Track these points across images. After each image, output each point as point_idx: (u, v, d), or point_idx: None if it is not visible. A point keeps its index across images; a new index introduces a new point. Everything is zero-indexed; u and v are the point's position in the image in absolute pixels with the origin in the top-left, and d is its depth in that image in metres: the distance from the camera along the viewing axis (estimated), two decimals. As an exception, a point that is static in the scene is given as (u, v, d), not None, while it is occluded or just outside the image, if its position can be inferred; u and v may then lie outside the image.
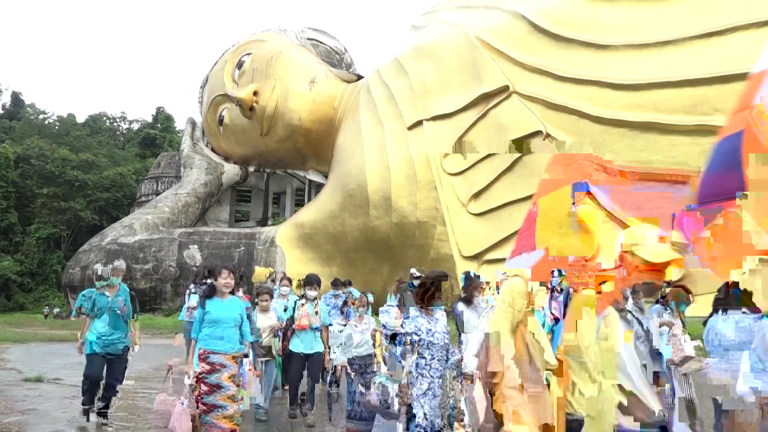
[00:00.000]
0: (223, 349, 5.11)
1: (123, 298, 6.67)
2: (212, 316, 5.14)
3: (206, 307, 5.17)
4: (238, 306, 5.33)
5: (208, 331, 5.12)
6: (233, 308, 5.26)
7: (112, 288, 6.65)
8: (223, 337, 5.13)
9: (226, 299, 5.26)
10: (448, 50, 20.09)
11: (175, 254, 24.29)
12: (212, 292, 5.24)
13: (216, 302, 5.21)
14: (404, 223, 19.12)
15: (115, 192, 48.31)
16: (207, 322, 5.14)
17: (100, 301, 6.54)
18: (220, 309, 5.18)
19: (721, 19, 15.00)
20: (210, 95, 28.34)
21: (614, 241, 4.43)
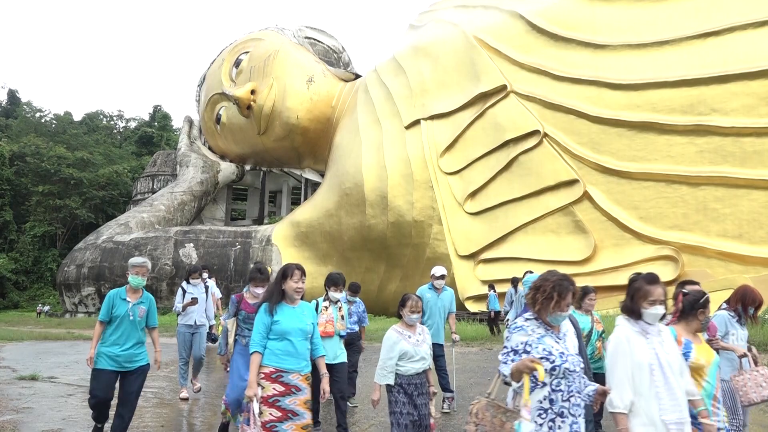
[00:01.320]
0: (297, 367, 4.18)
1: (146, 306, 5.54)
2: (282, 327, 4.18)
3: (274, 314, 4.22)
4: (310, 314, 4.42)
5: (278, 346, 4.18)
6: (305, 317, 4.33)
7: (135, 292, 5.50)
8: (296, 353, 4.21)
9: (296, 306, 4.33)
10: (446, 49, 20.09)
11: (170, 252, 24.23)
12: (280, 297, 4.27)
13: (286, 310, 4.25)
14: (401, 222, 19.10)
15: (111, 190, 48.26)
16: (275, 334, 4.20)
17: (119, 306, 5.39)
18: (290, 318, 4.24)
19: (719, 20, 15.02)
20: (207, 94, 28.29)
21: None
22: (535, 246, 16.38)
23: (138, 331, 5.43)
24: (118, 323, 5.35)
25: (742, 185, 13.95)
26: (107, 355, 5.28)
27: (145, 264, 5.52)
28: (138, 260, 5.53)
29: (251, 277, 5.61)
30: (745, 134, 14.01)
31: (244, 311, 5.52)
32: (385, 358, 4.48)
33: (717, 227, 14.15)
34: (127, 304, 5.42)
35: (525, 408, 2.97)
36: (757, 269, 13.36)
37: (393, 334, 4.53)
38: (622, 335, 3.33)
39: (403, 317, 4.61)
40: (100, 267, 24.61)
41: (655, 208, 14.99)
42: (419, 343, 4.58)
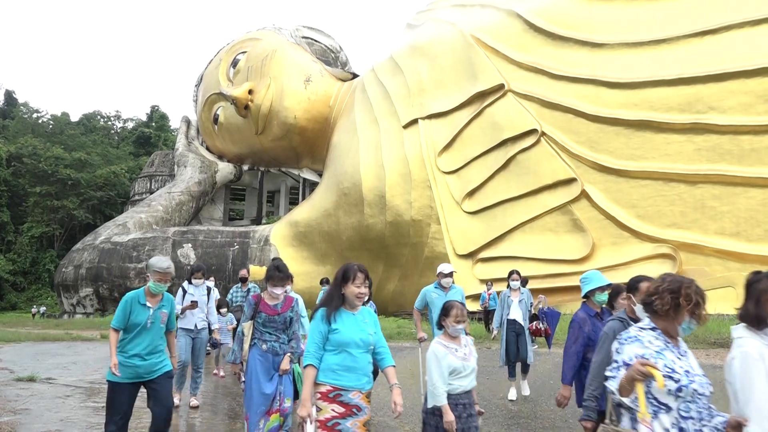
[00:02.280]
0: (357, 384, 3.61)
1: (168, 309, 4.89)
2: (341, 336, 3.60)
3: (332, 323, 3.63)
4: (372, 322, 3.81)
5: (335, 359, 3.60)
6: (366, 326, 3.72)
7: (155, 297, 4.82)
8: (357, 368, 3.62)
9: (356, 313, 3.74)
10: (444, 49, 20.08)
11: (168, 253, 24.18)
12: (340, 303, 3.67)
13: (345, 317, 3.66)
14: (399, 222, 19.10)
15: (109, 190, 48.19)
16: (332, 345, 3.61)
17: (138, 313, 4.70)
18: (351, 327, 3.65)
19: (716, 18, 15.04)
20: (205, 94, 28.26)
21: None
22: (533, 245, 16.39)
23: (160, 338, 4.82)
24: (138, 331, 4.67)
25: (740, 183, 13.98)
26: (126, 367, 4.63)
27: (170, 270, 4.80)
28: (162, 264, 4.78)
29: (269, 276, 5.07)
30: (743, 132, 14.04)
31: (264, 313, 5.04)
32: (436, 374, 3.87)
33: (715, 225, 14.17)
34: (148, 310, 4.74)
35: (644, 424, 2.51)
36: (755, 267, 13.30)
37: (439, 347, 3.95)
38: (752, 351, 2.68)
39: (446, 328, 4.06)
40: (98, 268, 24.57)
41: (653, 206, 15.00)
42: (467, 356, 4.02)
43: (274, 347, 5.01)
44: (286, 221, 24.15)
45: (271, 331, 5.00)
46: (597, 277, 4.77)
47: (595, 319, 4.62)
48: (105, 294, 24.78)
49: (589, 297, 4.72)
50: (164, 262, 4.82)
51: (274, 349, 5.01)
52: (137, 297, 4.77)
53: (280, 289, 5.05)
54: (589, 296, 4.72)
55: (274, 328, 5.04)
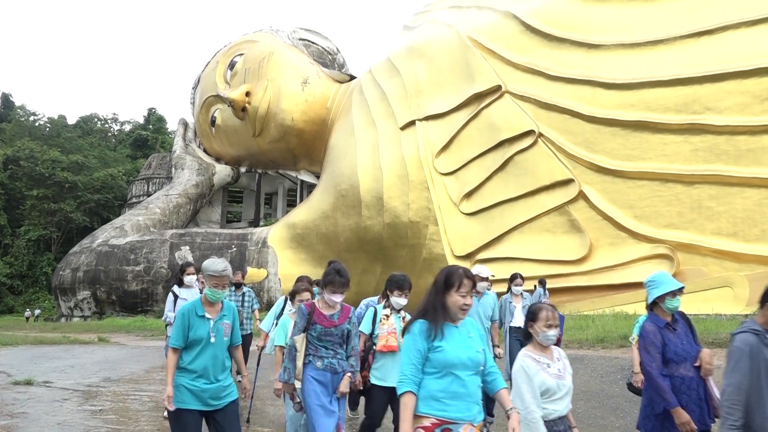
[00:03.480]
0: (468, 415, 2.94)
1: (230, 319, 4.21)
2: (446, 356, 2.93)
3: (437, 339, 2.96)
4: (479, 336, 3.12)
5: (439, 385, 2.93)
6: (473, 342, 3.05)
7: (214, 305, 4.14)
8: (467, 394, 2.95)
9: (459, 326, 3.05)
10: (441, 50, 20.10)
11: (166, 255, 24.16)
12: (442, 315, 2.99)
13: (449, 332, 3.00)
14: (396, 223, 19.09)
15: (106, 193, 48.11)
16: (435, 367, 2.95)
17: (198, 326, 4.03)
18: (457, 345, 2.98)
19: (712, 19, 15.09)
20: (202, 96, 28.23)
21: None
22: (531, 246, 16.39)
23: (224, 354, 4.15)
24: (201, 349, 3.99)
25: (736, 183, 14.00)
26: (191, 391, 3.94)
27: (226, 273, 4.08)
28: (217, 266, 4.08)
29: (328, 280, 4.37)
30: (739, 132, 14.07)
31: (320, 325, 4.34)
32: (529, 397, 3.15)
33: (712, 225, 14.20)
34: (208, 322, 4.06)
35: None
36: (752, 267, 13.41)
37: (529, 362, 3.22)
38: None
39: (534, 336, 3.32)
40: (95, 271, 24.52)
41: (650, 206, 15.03)
42: (562, 373, 3.27)
43: (331, 364, 4.34)
44: (283, 223, 24.13)
45: (328, 346, 4.34)
46: (667, 280, 4.07)
47: (666, 330, 3.94)
48: (102, 297, 24.73)
49: (658, 304, 4.04)
50: (219, 263, 4.11)
51: (332, 366, 4.34)
52: (194, 309, 4.10)
53: (340, 297, 4.37)
54: (657, 303, 4.04)
55: (330, 342, 4.35)
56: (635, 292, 14.06)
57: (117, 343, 16.64)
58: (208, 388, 3.97)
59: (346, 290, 4.38)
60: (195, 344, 3.99)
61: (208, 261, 4.17)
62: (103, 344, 16.40)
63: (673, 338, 3.89)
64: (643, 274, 14.73)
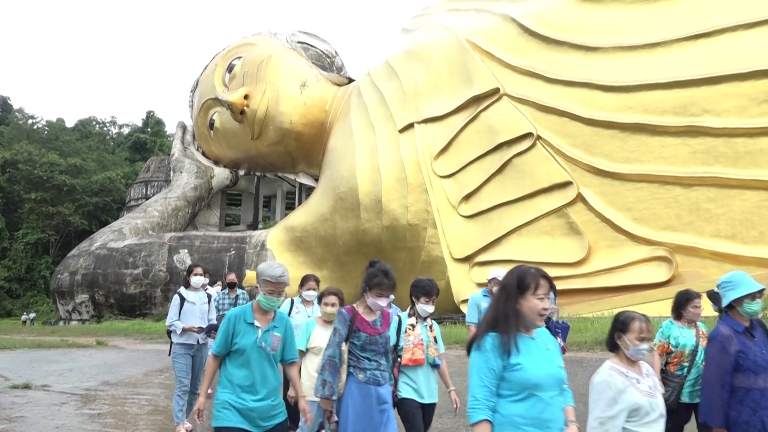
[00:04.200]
0: None
1: (282, 332, 3.74)
2: (528, 375, 2.52)
3: (514, 355, 2.53)
4: (556, 349, 2.76)
5: (519, 409, 2.52)
6: (552, 355, 2.67)
7: (266, 315, 3.71)
8: (550, 420, 2.55)
9: (535, 337, 2.66)
10: (439, 53, 20.13)
11: (165, 259, 24.14)
12: (516, 324, 2.58)
13: (526, 346, 2.59)
14: (395, 226, 19.10)
15: (104, 196, 48.08)
16: (514, 388, 2.53)
17: (244, 333, 3.61)
18: (538, 361, 2.58)
19: (709, 21, 15.11)
20: (200, 99, 28.24)
21: None
22: (529, 248, 16.39)
23: (274, 369, 3.69)
24: (246, 359, 3.57)
25: (735, 185, 14.02)
26: (235, 407, 3.53)
27: (284, 278, 3.60)
28: (274, 271, 3.62)
29: (374, 282, 3.87)
30: (737, 135, 14.09)
31: (364, 333, 3.88)
32: (604, 416, 2.76)
33: (710, 228, 14.21)
34: (256, 330, 3.63)
35: None
36: (751, 269, 13.37)
37: (615, 376, 2.83)
38: None
39: (623, 349, 2.95)
40: (93, 274, 24.49)
41: (648, 209, 15.04)
42: (653, 391, 2.87)
43: (374, 377, 3.88)
44: (282, 226, 24.13)
45: (372, 356, 3.87)
46: (746, 281, 3.77)
47: (743, 336, 3.57)
48: (101, 300, 24.70)
49: (734, 307, 3.68)
50: (276, 267, 3.64)
51: (375, 378, 3.88)
52: (243, 314, 3.69)
53: (386, 301, 3.92)
54: (734, 306, 3.68)
55: (374, 352, 3.89)
56: (634, 294, 14.08)
57: (115, 347, 16.61)
58: (256, 406, 3.52)
59: (391, 293, 3.97)
60: (240, 353, 3.58)
61: (264, 264, 3.76)
62: (101, 348, 16.37)
63: (752, 346, 3.48)
64: (641, 276, 14.79)
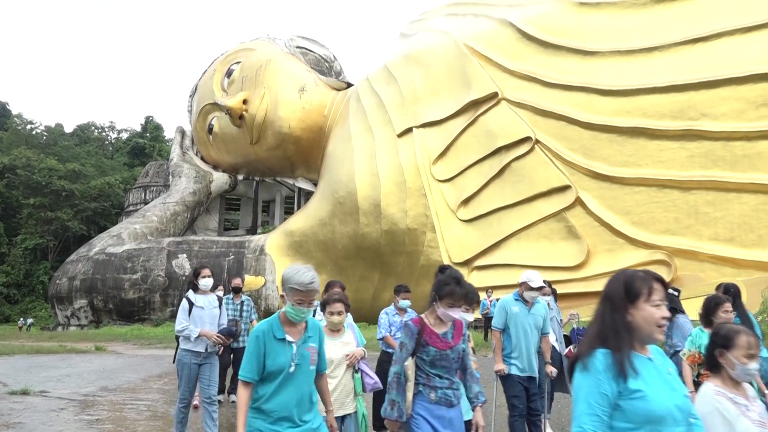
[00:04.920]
0: None
1: (316, 341, 3.27)
2: (651, 405, 2.02)
3: (631, 379, 2.03)
4: (675, 371, 2.26)
5: None
6: (674, 380, 2.17)
7: (296, 326, 3.17)
8: None
9: (652, 356, 2.17)
10: (437, 57, 20.18)
11: (163, 264, 24.10)
12: (629, 340, 2.09)
13: (645, 368, 2.10)
14: (394, 230, 19.10)
15: (103, 201, 48.00)
16: (632, 420, 2.03)
17: (277, 352, 3.08)
18: (660, 387, 2.08)
19: (706, 26, 15.18)
20: (199, 104, 28.27)
21: None
22: (528, 252, 16.40)
23: (311, 387, 3.21)
24: (281, 381, 3.07)
25: (733, 189, 14.05)
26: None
27: (314, 285, 3.08)
28: (303, 277, 3.06)
29: (446, 292, 3.38)
30: (735, 138, 14.13)
31: (433, 347, 3.41)
32: None
33: (709, 231, 14.23)
34: (290, 346, 3.11)
35: None
36: (749, 272, 13.43)
37: (725, 402, 2.46)
38: None
39: (727, 369, 2.58)
40: (92, 279, 24.44)
41: (647, 212, 15.06)
42: (763, 420, 2.49)
43: (446, 396, 3.42)
44: (281, 231, 24.11)
45: (443, 373, 3.43)
46: None
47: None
48: (99, 305, 24.64)
49: None
50: (305, 273, 3.08)
51: (448, 398, 3.42)
52: (271, 329, 3.13)
53: (458, 311, 3.42)
54: None
55: (446, 369, 3.44)
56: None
57: (114, 352, 16.56)
58: (293, 429, 3.07)
59: (463, 304, 3.49)
60: (273, 376, 3.06)
61: (290, 269, 3.12)
62: (99, 353, 16.32)
63: None
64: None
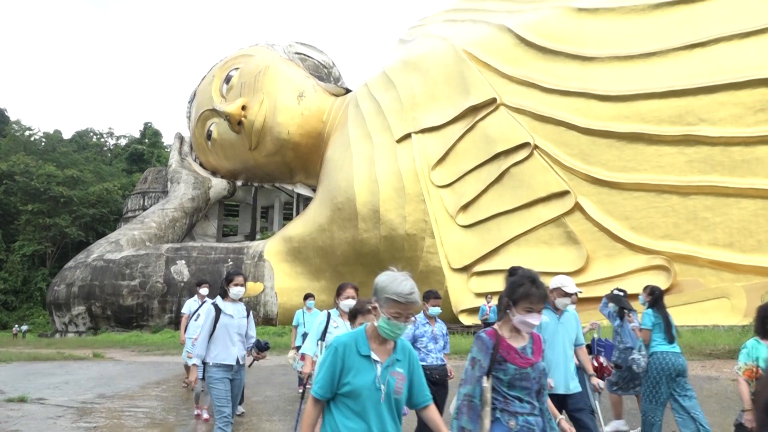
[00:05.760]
0: None
1: (406, 368, 2.71)
2: None
3: None
4: None
5: None
6: None
7: (384, 344, 2.68)
8: None
9: None
10: (436, 63, 20.21)
11: (162, 270, 24.04)
12: None
13: None
14: (393, 236, 19.07)
15: (102, 208, 47.95)
16: None
17: (359, 373, 2.61)
18: None
19: (704, 31, 15.21)
20: (198, 110, 28.29)
21: None
22: (527, 258, 16.36)
23: (395, 419, 2.66)
24: (360, 405, 2.58)
25: (732, 194, 14.05)
26: None
27: (414, 296, 2.61)
28: (402, 287, 2.59)
29: (521, 293, 2.92)
30: (734, 143, 14.14)
31: (512, 365, 2.94)
32: None
33: (708, 236, 14.22)
34: (374, 366, 2.61)
35: None
36: (749, 277, 13.42)
37: None
38: None
39: None
40: (90, 286, 24.37)
41: (646, 218, 15.05)
42: None
43: (528, 424, 2.93)
44: (280, 237, 24.08)
45: (523, 395, 2.94)
46: None
47: None
48: (97, 312, 24.56)
49: None
50: (404, 282, 2.60)
51: (530, 427, 2.92)
52: (355, 342, 2.65)
53: (538, 318, 2.94)
54: None
55: (526, 391, 2.95)
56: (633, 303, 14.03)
57: (112, 359, 16.49)
58: None
59: (542, 306, 2.97)
60: (352, 397, 2.58)
61: (386, 276, 2.65)
62: (97, 360, 16.25)
63: None
64: (640, 285, 14.74)
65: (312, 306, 9.90)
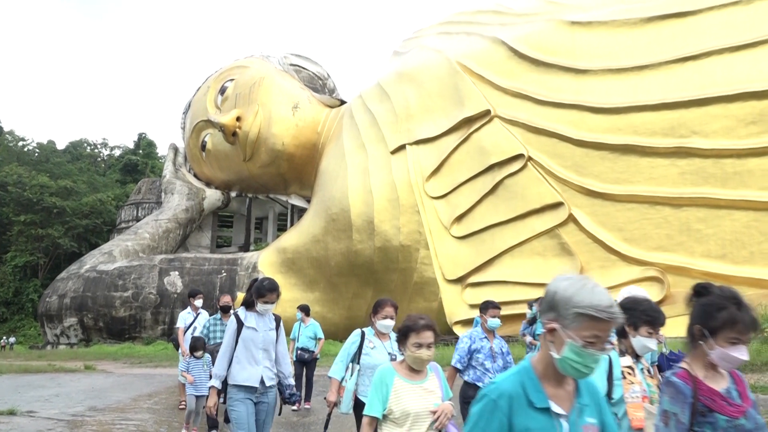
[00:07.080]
0: None
1: (596, 418, 1.88)
2: None
3: None
4: None
5: None
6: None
7: (564, 388, 1.85)
8: None
9: None
10: (430, 75, 20.31)
11: (155, 281, 23.91)
12: None
13: None
14: (387, 247, 19.06)
15: (95, 218, 47.76)
16: None
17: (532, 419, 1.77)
18: None
19: (695, 44, 15.37)
20: (193, 121, 28.29)
21: None
22: (521, 269, 16.38)
23: None
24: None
25: (724, 206, 14.12)
26: None
27: (615, 308, 1.79)
28: (600, 299, 1.75)
29: (724, 321, 2.29)
30: (726, 156, 14.23)
31: (722, 416, 2.22)
32: None
33: (700, 248, 14.27)
34: (557, 422, 1.79)
35: None
36: (741, 289, 13.41)
37: None
38: None
39: None
40: (82, 297, 24.20)
41: (639, 229, 15.10)
42: None
43: None
44: (274, 248, 24.01)
45: None
46: None
47: None
48: (89, 324, 24.37)
49: None
50: (602, 294, 1.78)
51: None
52: (523, 391, 1.82)
53: (745, 353, 2.25)
54: None
55: None
56: (627, 315, 14.06)
57: (104, 371, 16.35)
58: None
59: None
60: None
61: (567, 283, 1.83)
62: (89, 372, 16.10)
63: None
64: (634, 296, 14.79)
65: (300, 317, 9.86)
